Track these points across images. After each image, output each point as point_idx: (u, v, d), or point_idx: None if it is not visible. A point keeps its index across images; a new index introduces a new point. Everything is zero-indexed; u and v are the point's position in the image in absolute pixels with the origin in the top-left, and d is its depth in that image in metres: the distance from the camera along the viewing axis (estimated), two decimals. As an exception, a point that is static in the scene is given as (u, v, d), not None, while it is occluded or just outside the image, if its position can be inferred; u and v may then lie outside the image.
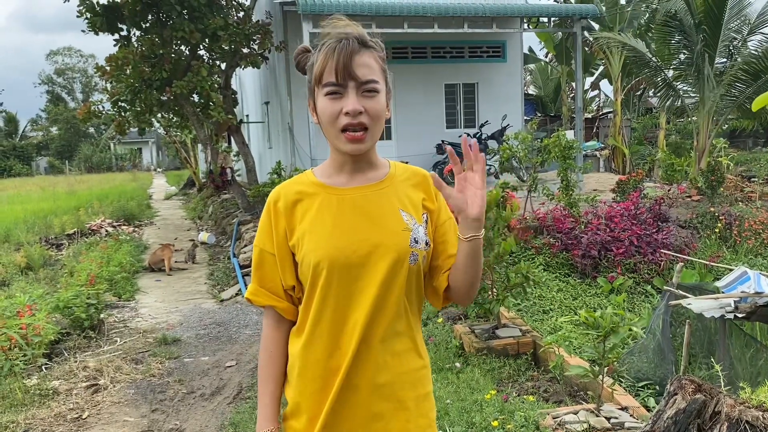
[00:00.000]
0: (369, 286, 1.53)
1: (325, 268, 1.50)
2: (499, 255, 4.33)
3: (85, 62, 62.47)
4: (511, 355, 4.38)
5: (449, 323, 5.32)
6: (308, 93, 1.59)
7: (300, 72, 1.65)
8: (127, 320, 6.64)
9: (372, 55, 1.54)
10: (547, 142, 8.80)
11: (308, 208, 1.55)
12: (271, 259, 1.57)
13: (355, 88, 1.47)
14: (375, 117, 1.52)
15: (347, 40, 1.49)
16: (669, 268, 7.55)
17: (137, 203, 18.31)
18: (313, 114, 1.57)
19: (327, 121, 1.49)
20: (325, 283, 1.50)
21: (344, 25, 1.56)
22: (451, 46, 14.48)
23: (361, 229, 1.55)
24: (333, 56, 1.47)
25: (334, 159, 1.59)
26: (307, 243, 1.52)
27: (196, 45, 11.77)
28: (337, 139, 1.51)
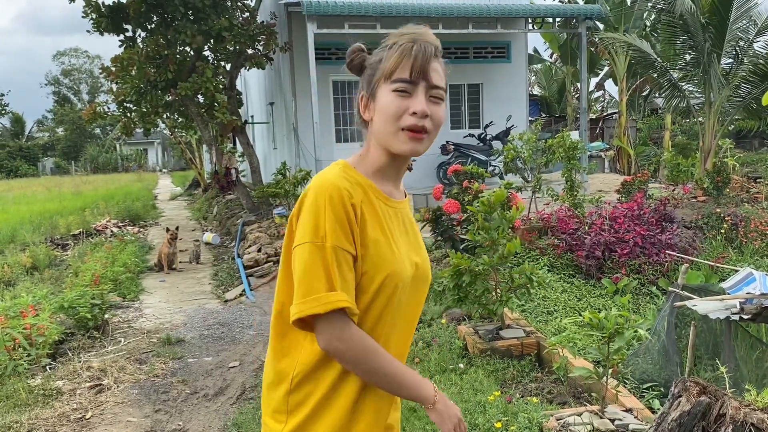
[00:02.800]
0: (414, 308, 1.53)
1: (393, 284, 1.41)
2: (503, 256, 4.31)
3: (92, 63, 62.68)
4: (515, 356, 4.36)
5: (453, 324, 5.30)
6: (364, 86, 1.50)
7: (350, 70, 1.56)
8: (131, 320, 6.65)
9: (442, 65, 1.52)
10: (551, 142, 8.78)
11: (372, 211, 1.43)
12: (351, 261, 1.37)
13: (425, 90, 1.43)
14: (437, 124, 1.48)
15: (426, 43, 1.47)
16: (674, 269, 7.51)
17: (142, 204, 18.35)
18: (365, 110, 1.49)
19: (391, 116, 1.41)
20: (387, 301, 1.42)
21: (423, 31, 1.53)
22: (455, 47, 14.46)
23: (416, 247, 1.54)
24: (410, 55, 1.43)
25: (376, 161, 1.48)
26: (380, 253, 1.40)
27: (201, 46, 11.79)
28: (395, 136, 1.42)
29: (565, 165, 9.11)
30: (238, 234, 11.30)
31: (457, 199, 6.39)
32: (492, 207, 4.48)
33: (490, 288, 4.44)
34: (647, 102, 23.47)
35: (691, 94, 11.82)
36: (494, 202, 4.46)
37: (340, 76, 13.64)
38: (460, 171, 6.54)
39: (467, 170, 6.48)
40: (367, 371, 1.39)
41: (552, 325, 5.47)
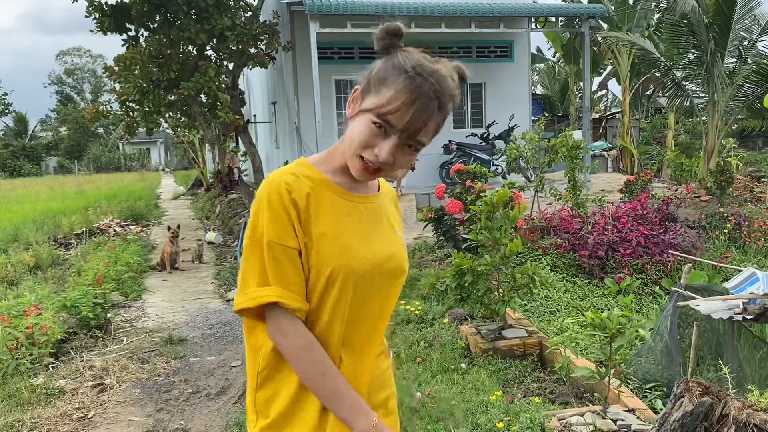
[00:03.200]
0: (379, 302, 1.49)
1: (343, 278, 1.38)
2: (506, 256, 4.31)
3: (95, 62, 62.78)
4: (517, 356, 4.36)
5: (455, 324, 5.30)
6: (366, 85, 1.40)
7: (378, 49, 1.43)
8: (133, 320, 6.65)
9: (443, 118, 1.43)
10: (554, 142, 8.77)
11: (320, 205, 1.40)
12: (294, 255, 1.36)
13: (400, 139, 1.35)
14: (398, 167, 1.43)
15: (432, 99, 1.35)
16: (677, 269, 7.49)
17: (145, 203, 18.37)
18: (351, 106, 1.43)
19: (357, 143, 1.37)
20: (339, 294, 1.39)
21: (442, 75, 1.40)
22: (458, 46, 14.45)
23: (378, 240, 1.48)
24: (410, 108, 1.32)
25: (340, 160, 1.46)
26: (326, 247, 1.37)
27: (204, 45, 11.80)
28: (351, 159, 1.40)
29: (567, 164, 9.09)
30: (240, 233, 11.31)
31: (460, 199, 6.38)
32: (494, 206, 4.47)
33: (493, 288, 4.44)
34: (650, 101, 23.43)
35: (694, 94, 11.80)
36: (497, 201, 4.45)
37: (342, 75, 13.64)
38: (463, 170, 6.53)
39: (470, 170, 6.47)
40: (302, 373, 1.37)
41: (554, 325, 5.46)
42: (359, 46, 13.67)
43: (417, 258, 7.68)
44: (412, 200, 11.76)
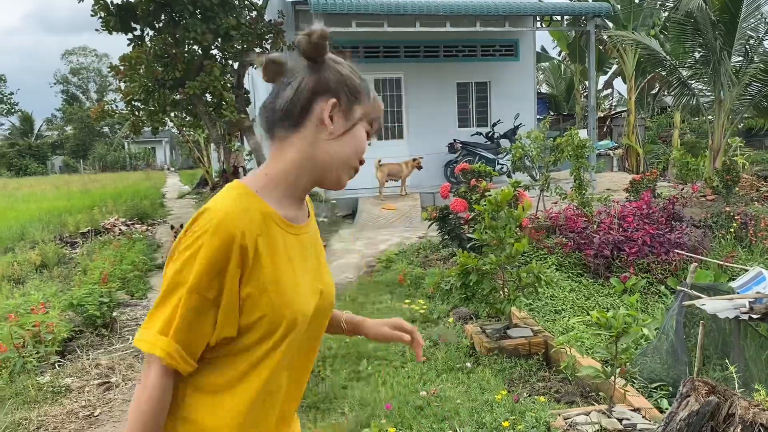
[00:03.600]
0: (313, 340, 1.40)
1: (291, 325, 1.27)
2: (511, 255, 4.30)
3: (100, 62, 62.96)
4: (522, 356, 4.35)
5: (460, 323, 5.30)
6: (346, 98, 1.31)
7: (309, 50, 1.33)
8: (139, 318, 6.67)
9: None
10: (560, 140, 8.75)
11: (270, 249, 1.26)
12: (212, 310, 1.22)
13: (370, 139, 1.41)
14: None
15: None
16: (683, 268, 7.47)
17: (150, 202, 18.41)
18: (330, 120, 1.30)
19: (356, 154, 1.33)
20: (280, 340, 1.27)
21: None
22: (463, 45, 14.44)
23: (320, 274, 1.40)
24: (380, 110, 1.40)
25: (291, 181, 1.32)
26: (276, 296, 1.25)
27: (210, 44, 11.82)
28: (343, 171, 1.34)
29: (573, 163, 9.07)
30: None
31: (465, 198, 6.38)
32: (499, 205, 4.46)
33: (498, 287, 4.43)
34: (656, 100, 23.36)
35: (700, 92, 11.77)
36: (501, 200, 4.44)
37: (347, 75, 13.64)
38: (468, 169, 6.53)
39: (475, 169, 6.47)
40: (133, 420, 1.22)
41: (560, 324, 5.46)
42: (364, 45, 13.68)
43: (421, 257, 7.69)
44: (416, 199, 11.76)
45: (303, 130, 1.30)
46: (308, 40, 1.31)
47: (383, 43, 13.77)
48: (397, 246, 8.24)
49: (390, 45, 13.85)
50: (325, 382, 4.13)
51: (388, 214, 10.78)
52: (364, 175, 13.31)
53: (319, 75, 1.31)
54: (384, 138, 14.08)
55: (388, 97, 14.13)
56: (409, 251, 7.89)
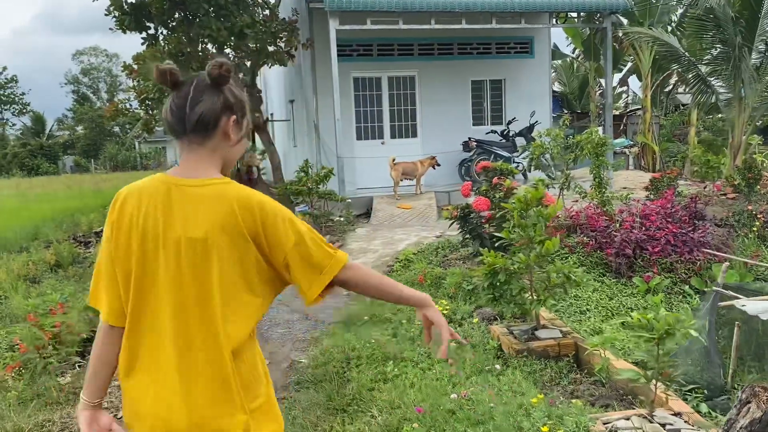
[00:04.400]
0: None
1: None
2: (541, 255, 4.20)
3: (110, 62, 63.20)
4: (551, 357, 4.25)
5: (484, 324, 5.21)
6: (240, 116, 1.76)
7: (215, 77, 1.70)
8: (157, 318, 6.62)
9: None
10: (579, 138, 8.64)
11: None
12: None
13: None
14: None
15: None
16: (707, 268, 7.34)
17: (163, 201, 18.37)
18: (238, 129, 1.75)
19: (240, 154, 1.83)
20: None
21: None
22: (477, 42, 14.32)
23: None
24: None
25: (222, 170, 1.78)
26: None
27: (223, 43, 11.77)
28: (232, 166, 1.82)
29: (593, 162, 8.96)
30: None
31: (487, 196, 6.28)
32: (528, 204, 4.37)
33: (526, 287, 4.33)
34: (669, 98, 23.13)
35: (720, 89, 11.59)
36: (531, 199, 4.35)
37: (361, 73, 13.57)
38: (490, 167, 6.43)
39: (497, 167, 6.37)
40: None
41: (586, 325, 5.35)
42: (378, 43, 13.59)
43: (440, 256, 7.59)
44: (431, 198, 11.66)
45: (213, 138, 1.71)
46: (219, 71, 1.68)
47: (397, 41, 13.67)
48: (415, 245, 8.15)
49: (404, 43, 13.75)
50: (351, 384, 4.05)
51: (403, 213, 10.69)
52: (379, 174, 13.26)
53: (222, 96, 1.69)
54: (398, 137, 14.00)
55: (402, 95, 14.04)
56: (428, 250, 7.79)
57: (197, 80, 1.70)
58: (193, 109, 1.66)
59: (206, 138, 1.69)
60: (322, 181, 10.32)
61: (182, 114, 1.67)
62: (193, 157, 1.71)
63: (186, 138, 1.70)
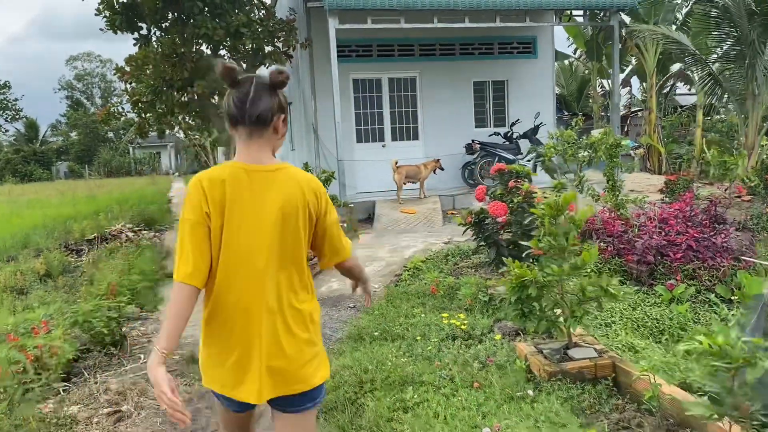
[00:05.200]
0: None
1: None
2: (577, 266, 3.79)
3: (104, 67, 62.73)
4: (587, 380, 3.84)
5: (507, 340, 4.79)
6: (285, 112, 2.19)
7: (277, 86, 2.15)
8: (150, 334, 6.17)
9: None
10: (593, 139, 8.25)
11: None
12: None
13: None
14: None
15: None
16: (731, 275, 6.93)
17: (158, 207, 17.93)
18: (284, 125, 2.20)
19: (282, 143, 2.23)
20: None
21: None
22: (480, 43, 13.94)
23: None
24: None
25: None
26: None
27: (219, 43, 11.36)
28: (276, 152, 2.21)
29: (606, 163, 8.57)
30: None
31: (502, 200, 5.87)
32: (560, 209, 3.95)
33: (556, 301, 3.92)
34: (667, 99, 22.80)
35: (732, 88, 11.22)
36: (562, 203, 3.93)
37: (361, 74, 13.16)
38: (505, 170, 6.02)
39: (513, 169, 5.96)
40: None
41: (616, 340, 4.93)
42: (378, 43, 13.20)
43: (450, 264, 7.17)
44: (436, 202, 11.25)
45: (267, 131, 2.10)
46: (280, 77, 2.10)
47: (398, 41, 13.28)
48: (423, 252, 7.72)
49: (405, 43, 13.36)
50: (367, 414, 3.62)
51: (407, 217, 10.27)
52: (380, 178, 12.84)
53: (277, 98, 2.10)
54: (399, 139, 13.59)
55: (403, 97, 13.64)
56: (437, 258, 7.37)
57: (256, 81, 2.07)
58: (254, 105, 2.04)
59: (263, 130, 2.09)
60: (324, 184, 9.89)
61: (243, 108, 2.04)
62: (253, 146, 2.09)
63: (245, 128, 2.08)
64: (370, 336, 5.12)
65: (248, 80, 2.07)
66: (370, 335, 5.13)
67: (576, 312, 3.85)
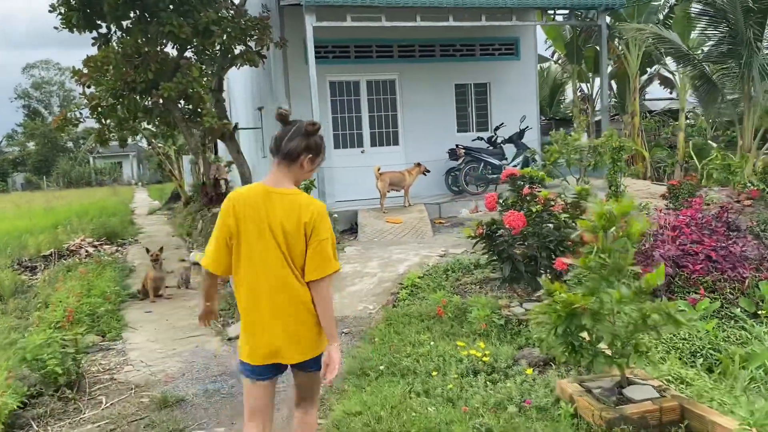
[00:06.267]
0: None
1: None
2: (642, 291, 3.13)
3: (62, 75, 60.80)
4: (652, 427, 3.17)
5: (536, 371, 4.11)
6: (312, 152, 2.71)
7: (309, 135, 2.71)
8: (114, 369, 5.33)
9: None
10: (597, 142, 7.67)
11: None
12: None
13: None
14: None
15: None
16: (754, 286, 6.39)
17: (119, 219, 16.89)
18: (309, 164, 2.72)
19: (308, 177, 2.83)
20: None
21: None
22: (461, 44, 13.35)
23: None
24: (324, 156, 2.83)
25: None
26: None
27: (186, 42, 10.51)
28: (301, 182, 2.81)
29: (609, 168, 8.00)
30: (231, 253, 9.99)
31: (515, 209, 5.21)
32: (612, 221, 3.30)
33: (610, 331, 3.24)
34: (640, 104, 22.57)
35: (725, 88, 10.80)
36: (617, 214, 3.27)
37: (337, 76, 12.44)
38: (517, 175, 5.36)
39: (528, 174, 5.30)
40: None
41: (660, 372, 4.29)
42: (355, 44, 12.49)
43: (451, 280, 6.48)
44: (422, 211, 10.55)
45: (294, 165, 2.69)
46: (312, 128, 2.69)
47: (376, 42, 12.60)
48: (419, 267, 7.01)
49: (383, 44, 12.68)
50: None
51: (394, 228, 9.56)
52: (360, 186, 12.11)
53: (307, 140, 2.67)
54: (378, 144, 12.89)
55: (382, 100, 12.95)
56: (435, 273, 6.66)
57: (299, 125, 2.68)
58: (287, 143, 2.66)
59: (290, 164, 2.68)
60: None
61: (279, 144, 2.67)
62: (280, 174, 2.69)
63: (277, 159, 2.69)
64: (375, 370, 4.38)
65: (294, 124, 2.69)
66: (375, 369, 4.40)
67: (639, 345, 3.18)
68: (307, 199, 2.65)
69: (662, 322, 3.18)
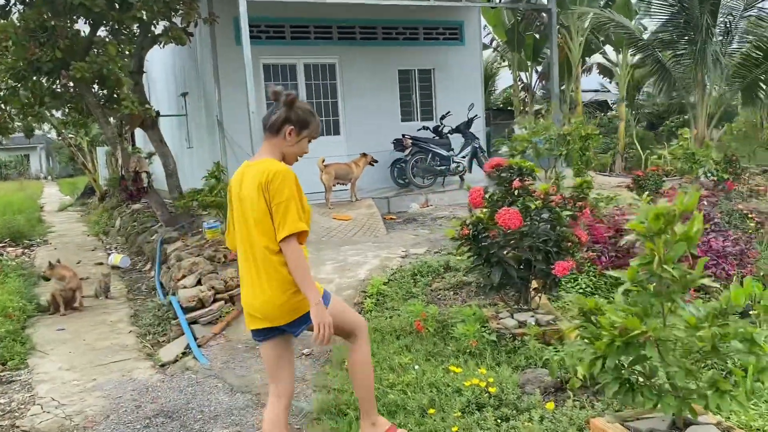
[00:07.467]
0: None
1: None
2: (724, 311, 2.46)
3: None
4: (730, 483, 2.50)
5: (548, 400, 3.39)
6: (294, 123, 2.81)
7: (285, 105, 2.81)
8: (15, 411, 4.25)
9: None
10: (567, 130, 7.08)
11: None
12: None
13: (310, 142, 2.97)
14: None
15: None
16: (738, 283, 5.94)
17: (26, 217, 15.21)
18: (291, 136, 2.81)
19: (299, 152, 2.89)
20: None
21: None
22: (404, 27, 12.58)
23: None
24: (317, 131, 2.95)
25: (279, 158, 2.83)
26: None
27: (100, 17, 9.23)
28: (294, 159, 2.89)
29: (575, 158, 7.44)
30: (157, 255, 8.86)
31: (502, 205, 4.48)
32: (671, 221, 2.60)
33: (690, 369, 2.55)
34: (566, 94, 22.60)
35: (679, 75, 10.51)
36: (679, 212, 2.58)
37: (272, 59, 11.41)
38: (503, 166, 4.63)
39: (515, 164, 4.58)
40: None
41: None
42: (291, 24, 11.50)
43: (421, 286, 5.70)
44: (371, 206, 9.72)
45: (278, 137, 2.81)
46: (287, 99, 2.79)
47: (313, 22, 11.65)
48: (381, 270, 6.18)
49: (321, 24, 11.75)
50: None
51: (343, 225, 8.71)
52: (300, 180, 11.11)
53: (288, 112, 2.79)
54: (318, 134, 11.95)
55: (321, 85, 12.02)
56: (402, 278, 5.85)
57: (282, 98, 2.80)
58: (270, 116, 2.82)
59: (274, 137, 2.81)
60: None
61: (266, 118, 2.82)
62: (264, 148, 2.83)
63: (265, 135, 2.83)
64: (354, 407, 3.54)
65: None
66: (353, 405, 3.56)
67: (719, 383, 2.50)
68: (272, 164, 2.71)
69: (744, 350, 2.51)
